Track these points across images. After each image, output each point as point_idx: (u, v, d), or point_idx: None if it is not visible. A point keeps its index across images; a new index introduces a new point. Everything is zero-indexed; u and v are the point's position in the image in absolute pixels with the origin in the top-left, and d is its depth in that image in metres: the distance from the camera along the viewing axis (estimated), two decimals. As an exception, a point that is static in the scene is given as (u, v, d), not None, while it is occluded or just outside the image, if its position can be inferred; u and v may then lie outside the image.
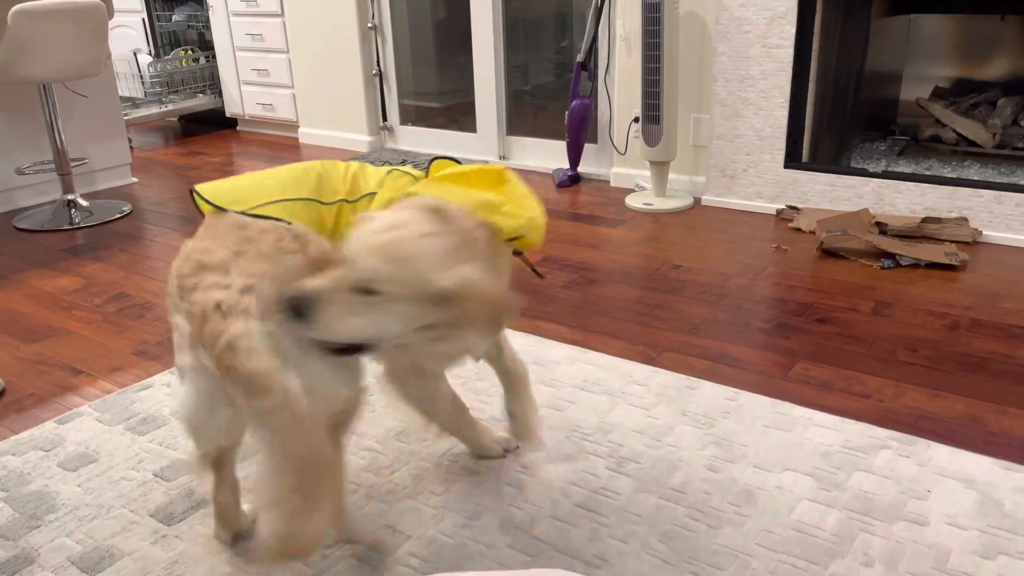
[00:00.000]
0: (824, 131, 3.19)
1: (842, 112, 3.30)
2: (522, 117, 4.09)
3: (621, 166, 3.58)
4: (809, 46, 2.95)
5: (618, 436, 1.72)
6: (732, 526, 1.44)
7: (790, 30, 2.91)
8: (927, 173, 3.00)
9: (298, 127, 4.75)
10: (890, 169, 3.07)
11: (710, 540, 1.41)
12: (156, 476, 1.64)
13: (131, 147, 4.05)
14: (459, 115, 4.28)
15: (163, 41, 5.30)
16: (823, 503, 1.49)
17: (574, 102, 3.53)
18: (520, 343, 2.14)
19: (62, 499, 1.58)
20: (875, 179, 2.91)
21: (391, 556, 1.39)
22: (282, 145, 4.67)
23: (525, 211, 1.31)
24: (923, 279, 2.47)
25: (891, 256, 2.59)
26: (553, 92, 4.07)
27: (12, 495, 1.60)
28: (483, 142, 4.09)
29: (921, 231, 2.73)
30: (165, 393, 1.96)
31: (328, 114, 4.57)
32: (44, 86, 3.32)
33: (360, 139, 4.46)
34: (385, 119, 4.46)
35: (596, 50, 3.54)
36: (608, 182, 3.65)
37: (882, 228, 2.75)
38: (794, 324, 2.22)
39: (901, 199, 2.87)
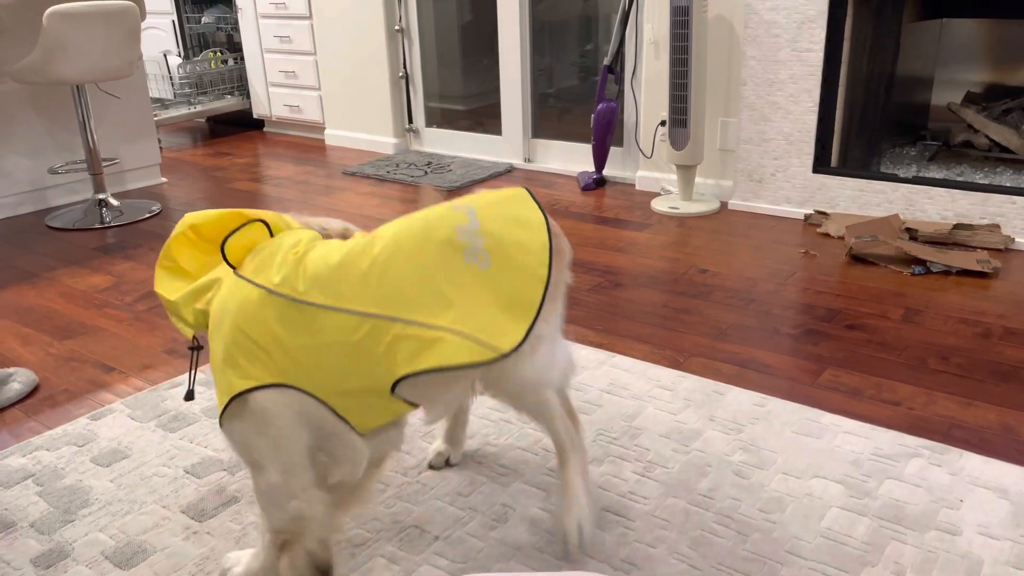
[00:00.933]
0: (854, 136, 3.17)
1: (872, 116, 3.27)
2: (547, 120, 4.09)
3: (647, 170, 3.57)
4: (839, 50, 2.92)
5: (645, 440, 1.72)
6: (761, 533, 1.43)
7: (820, 34, 2.89)
8: (958, 179, 2.96)
9: (324, 129, 4.79)
10: (921, 175, 3.04)
11: (739, 546, 1.40)
12: (187, 472, 1.66)
13: (160, 148, 4.10)
14: (484, 117, 4.29)
15: (192, 43, 5.36)
16: (853, 511, 1.47)
17: (600, 105, 3.52)
18: (546, 346, 2.14)
19: (95, 494, 1.61)
20: (905, 184, 2.88)
21: (419, 555, 1.40)
22: (308, 147, 4.70)
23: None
24: (954, 286, 2.44)
25: (922, 262, 2.56)
26: (578, 95, 4.07)
27: (47, 489, 1.63)
28: (508, 144, 4.09)
29: (952, 237, 2.70)
30: (196, 391, 1.98)
31: (354, 116, 4.60)
32: (77, 87, 3.37)
33: (386, 141, 4.49)
34: (411, 121, 4.48)
35: (623, 53, 3.54)
36: (633, 186, 3.64)
37: (912, 234, 2.73)
38: (823, 330, 2.20)
39: (932, 205, 2.84)
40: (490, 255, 1.16)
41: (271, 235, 1.23)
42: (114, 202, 3.53)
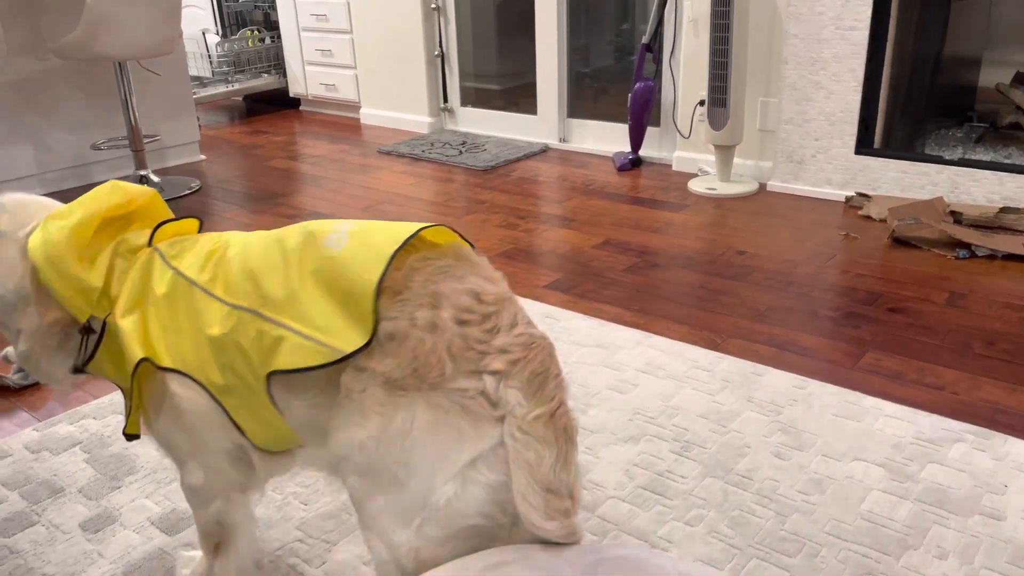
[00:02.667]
0: (898, 116, 3.10)
1: (917, 97, 3.20)
2: (582, 100, 4.06)
3: (684, 150, 3.53)
4: (885, 28, 2.86)
5: (683, 420, 1.71)
6: (801, 514, 1.42)
7: (866, 11, 2.82)
8: (1006, 161, 2.89)
9: (360, 108, 4.80)
10: (967, 157, 2.97)
11: (778, 527, 1.39)
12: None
13: (199, 125, 4.15)
14: (519, 97, 4.27)
15: (230, 21, 5.40)
16: (895, 494, 1.46)
17: (638, 84, 3.49)
18: (582, 325, 2.14)
19: (141, 462, 1.64)
20: (951, 167, 2.82)
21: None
22: (344, 126, 4.72)
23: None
24: (1000, 271, 2.39)
25: (966, 246, 2.51)
26: (614, 74, 4.04)
27: (94, 456, 1.67)
28: (544, 124, 4.07)
29: (998, 221, 2.64)
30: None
31: (389, 95, 4.61)
32: (120, 64, 3.41)
33: (421, 120, 4.49)
34: (446, 100, 4.47)
35: (662, 32, 3.49)
36: (670, 166, 3.61)
37: (957, 217, 2.67)
38: (864, 313, 2.17)
39: (978, 188, 2.78)
40: (349, 238, 0.98)
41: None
42: (155, 178, 3.58)
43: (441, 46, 4.37)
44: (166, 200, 3.42)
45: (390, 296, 0.93)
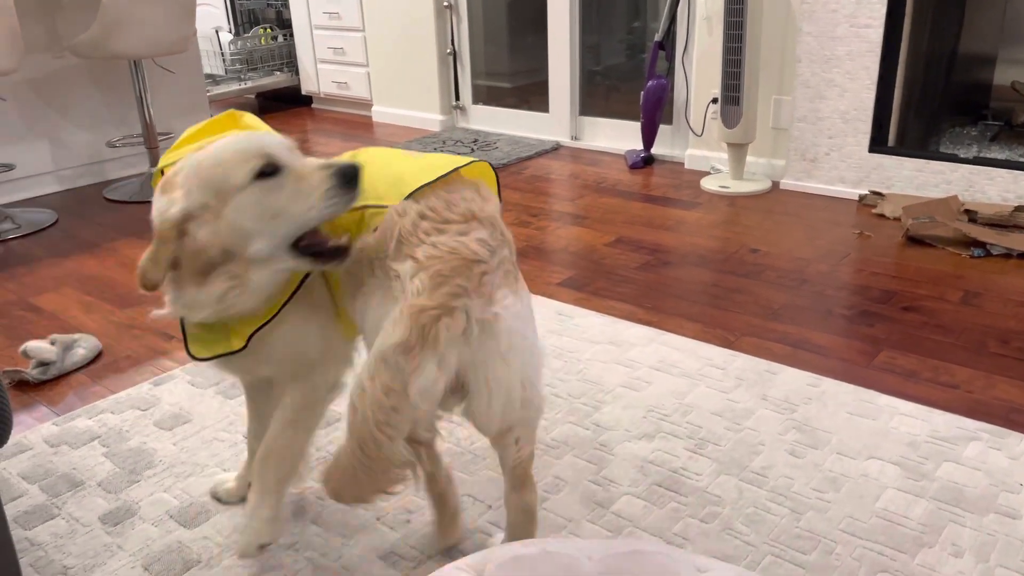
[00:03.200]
0: (912, 115, 3.09)
1: (932, 95, 3.19)
2: (595, 97, 4.06)
3: (696, 148, 3.53)
4: (900, 26, 2.85)
5: (697, 418, 1.71)
6: (815, 511, 1.42)
7: (880, 9, 2.81)
8: (1021, 160, 2.88)
9: (372, 106, 4.82)
10: (982, 155, 2.96)
11: (793, 524, 1.40)
12: (246, 438, 1.70)
13: (213, 123, 4.17)
14: (531, 95, 4.27)
15: (243, 19, 5.42)
16: (910, 492, 1.46)
17: (650, 82, 3.49)
18: (595, 322, 2.15)
19: (159, 456, 1.66)
20: (965, 165, 2.81)
21: (471, 524, 1.42)
22: (356, 123, 4.74)
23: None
24: (1015, 269, 2.38)
25: (981, 245, 2.50)
26: (626, 72, 4.04)
27: (113, 450, 1.68)
28: (555, 122, 4.08)
29: (1013, 220, 2.63)
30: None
31: (401, 93, 4.62)
32: (135, 62, 3.43)
33: (432, 118, 4.50)
34: (458, 98, 4.48)
35: (674, 29, 3.49)
36: (682, 164, 3.60)
37: (971, 216, 2.66)
38: (878, 312, 2.17)
39: (992, 187, 2.77)
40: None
41: None
42: (169, 176, 3.60)
43: (453, 44, 4.38)
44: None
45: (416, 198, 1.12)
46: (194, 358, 1.22)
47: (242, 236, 1.11)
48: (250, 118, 1.33)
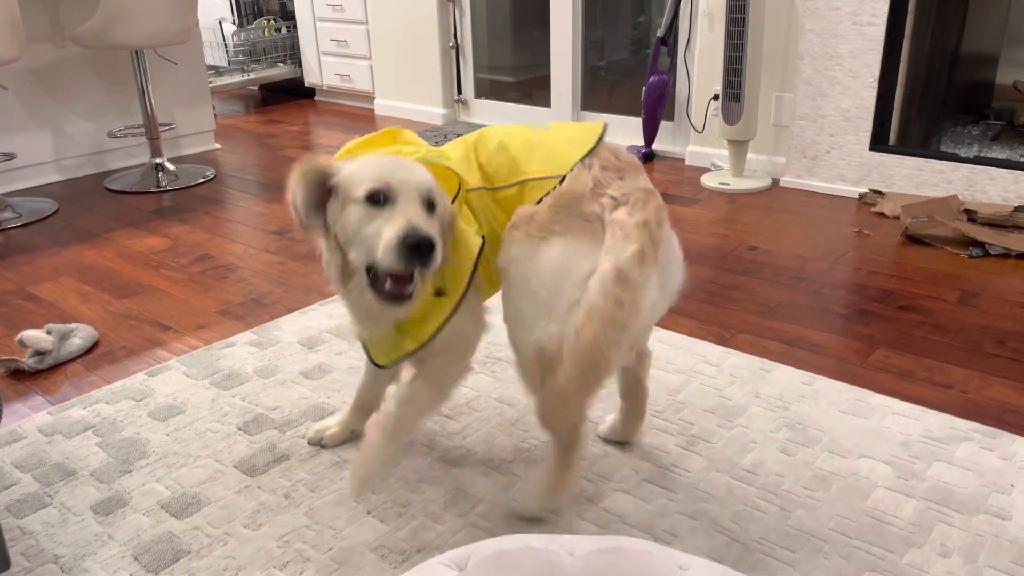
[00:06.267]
0: (914, 113, 3.08)
1: (934, 94, 3.18)
2: (597, 93, 4.06)
3: (697, 144, 3.52)
4: (902, 24, 2.84)
5: (689, 415, 1.71)
6: (805, 510, 1.42)
7: (883, 7, 2.80)
8: (1022, 160, 2.87)
9: (374, 99, 4.81)
10: (982, 154, 2.95)
11: (782, 522, 1.40)
12: (239, 429, 1.71)
13: (215, 114, 4.17)
14: (533, 89, 4.27)
15: (246, 10, 5.41)
16: (900, 492, 1.46)
17: (652, 78, 3.48)
18: (592, 318, 2.15)
19: (152, 446, 1.66)
20: (966, 164, 2.80)
21: (462, 518, 1.43)
22: (358, 116, 4.74)
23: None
24: (1014, 270, 2.37)
25: (980, 244, 2.49)
26: (628, 68, 4.03)
27: (106, 440, 1.69)
28: (557, 117, 4.07)
29: (1013, 220, 2.62)
30: (248, 352, 2.03)
31: (404, 86, 4.62)
32: (137, 52, 3.43)
33: (435, 111, 4.50)
34: (460, 92, 4.47)
35: (677, 25, 3.48)
36: (683, 160, 3.60)
37: (971, 215, 2.65)
38: (875, 311, 2.16)
39: (993, 186, 2.76)
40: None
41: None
42: (170, 167, 3.61)
43: (456, 37, 4.37)
44: (179, 189, 3.45)
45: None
46: (379, 366, 1.40)
47: (344, 240, 1.24)
48: (409, 134, 1.42)
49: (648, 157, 3.62)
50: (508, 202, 1.33)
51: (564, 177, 1.28)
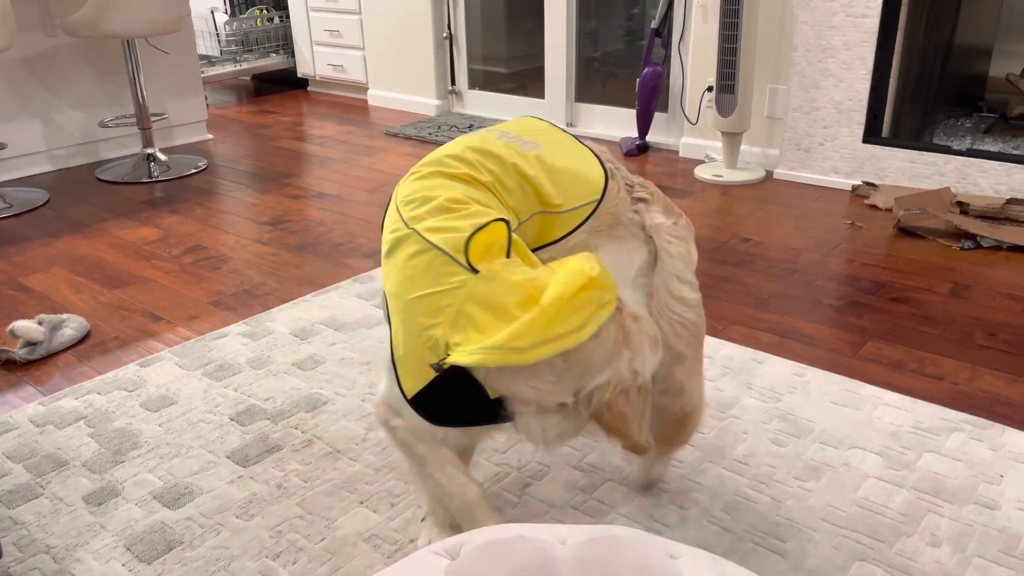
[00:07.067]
0: (907, 106, 3.09)
1: (927, 87, 3.18)
2: (591, 84, 4.05)
3: (691, 136, 3.52)
4: (896, 17, 2.84)
5: (682, 405, 1.72)
6: (795, 500, 1.43)
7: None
8: (1014, 152, 2.88)
9: (367, 89, 4.80)
10: (975, 147, 2.96)
11: (772, 512, 1.40)
12: (232, 420, 1.71)
13: (207, 104, 4.15)
14: (527, 80, 4.26)
15: (239, 0, 5.38)
16: (890, 482, 1.47)
17: (646, 69, 3.47)
18: (585, 309, 2.15)
19: (144, 437, 1.66)
20: (959, 157, 2.81)
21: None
22: (351, 107, 4.72)
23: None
24: (1005, 262, 2.39)
25: (972, 237, 2.50)
26: (623, 59, 4.02)
27: (98, 431, 1.69)
28: (551, 108, 4.06)
29: (1005, 212, 2.63)
30: (241, 342, 2.03)
31: (397, 77, 4.60)
32: (128, 42, 3.41)
33: (428, 102, 4.48)
34: (453, 83, 4.46)
35: (671, 17, 3.47)
36: (677, 152, 3.60)
37: (963, 208, 2.66)
38: (867, 302, 2.17)
39: (985, 179, 2.77)
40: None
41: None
42: (162, 157, 3.59)
43: (450, 28, 4.36)
44: (171, 179, 3.44)
45: None
46: None
47: None
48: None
49: (642, 149, 3.62)
50: (548, 229, 1.24)
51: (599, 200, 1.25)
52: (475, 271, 1.07)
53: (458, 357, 1.04)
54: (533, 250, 1.24)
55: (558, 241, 1.24)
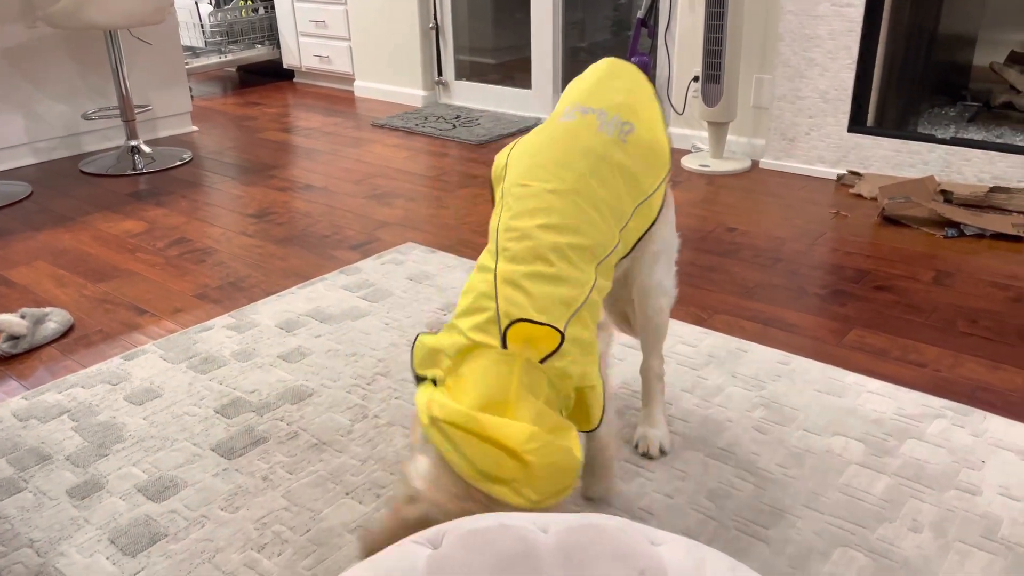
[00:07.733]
0: (892, 95, 3.10)
1: (911, 75, 3.19)
2: (577, 74, 4.03)
3: (678, 126, 3.52)
4: (880, 5, 2.84)
5: (667, 394, 1.72)
6: (779, 487, 1.44)
7: (861, -12, 2.81)
8: (998, 141, 2.89)
9: (354, 80, 4.77)
10: (959, 136, 2.97)
11: (756, 499, 1.41)
12: (217, 412, 1.70)
13: (191, 96, 4.12)
14: (514, 71, 4.25)
15: (223, -9, 5.34)
16: (873, 468, 1.48)
17: (632, 59, 3.47)
18: (571, 299, 2.15)
19: (129, 430, 1.65)
20: (943, 146, 2.82)
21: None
22: (337, 98, 4.70)
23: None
24: (987, 250, 2.40)
25: (955, 225, 2.52)
26: (610, 49, 4.01)
27: (82, 425, 1.68)
28: (538, 99, 4.06)
29: (988, 201, 2.65)
30: (226, 335, 2.02)
31: (383, 67, 4.58)
32: (110, 32, 3.38)
33: (415, 93, 4.47)
34: (440, 74, 4.44)
35: (657, 6, 3.47)
36: (664, 142, 3.59)
37: (947, 196, 2.68)
38: (851, 291, 2.18)
39: (969, 167, 2.78)
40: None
41: None
42: (146, 149, 3.57)
43: (436, 19, 4.34)
44: (155, 172, 3.42)
45: None
46: None
47: None
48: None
49: (628, 139, 3.61)
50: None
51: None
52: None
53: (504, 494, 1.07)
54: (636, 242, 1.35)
55: (651, 228, 1.37)
